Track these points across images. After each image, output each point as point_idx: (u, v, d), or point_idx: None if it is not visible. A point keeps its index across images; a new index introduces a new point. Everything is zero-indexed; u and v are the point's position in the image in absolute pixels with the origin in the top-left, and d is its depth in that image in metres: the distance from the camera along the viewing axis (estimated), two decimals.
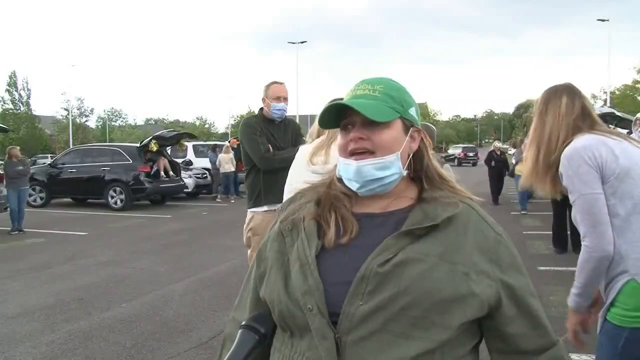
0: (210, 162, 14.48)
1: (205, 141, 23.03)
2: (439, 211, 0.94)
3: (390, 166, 0.95)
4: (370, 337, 0.87)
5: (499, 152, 12.51)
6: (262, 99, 3.29)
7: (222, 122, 75.31)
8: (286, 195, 2.46)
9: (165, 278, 5.59)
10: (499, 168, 12.14)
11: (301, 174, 2.33)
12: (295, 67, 45.30)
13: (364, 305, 0.88)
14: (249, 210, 3.20)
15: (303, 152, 2.33)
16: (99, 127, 56.53)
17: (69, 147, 27.22)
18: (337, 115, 0.98)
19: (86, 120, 51.13)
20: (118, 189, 12.00)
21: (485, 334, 0.98)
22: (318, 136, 2.35)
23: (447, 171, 1.07)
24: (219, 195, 13.88)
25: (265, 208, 3.06)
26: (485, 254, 0.94)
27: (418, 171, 1.01)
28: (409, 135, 0.99)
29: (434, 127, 3.52)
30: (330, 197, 1.02)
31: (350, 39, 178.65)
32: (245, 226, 3.20)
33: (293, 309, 0.92)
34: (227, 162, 13.63)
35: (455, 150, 40.56)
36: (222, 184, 13.99)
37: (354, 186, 0.98)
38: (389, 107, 0.96)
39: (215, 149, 14.84)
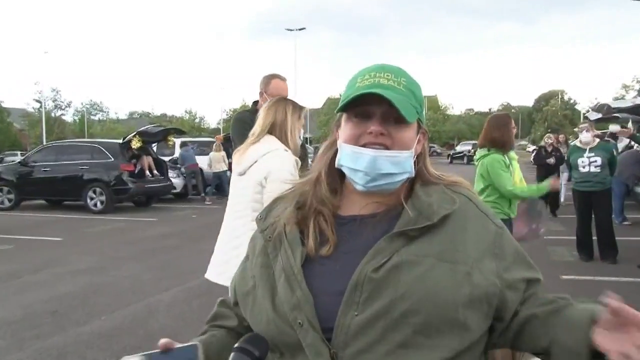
0: (181, 159, 14.47)
1: (195, 137, 23.01)
2: (434, 208, 0.95)
3: (404, 163, 0.97)
4: (369, 350, 0.87)
5: (550, 149, 10.57)
6: (260, 92, 3.26)
7: (213, 117, 75.43)
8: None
9: (150, 287, 5.59)
10: (552, 172, 10.11)
11: None
12: (294, 56, 45.28)
13: (359, 316, 0.88)
14: None
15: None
16: (77, 121, 56.56)
17: (42, 143, 27.16)
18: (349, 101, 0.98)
19: (62, 114, 51.17)
20: (98, 189, 11.97)
21: (503, 334, 0.97)
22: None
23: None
24: (207, 198, 13.86)
25: None
26: (489, 249, 0.95)
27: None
28: (417, 137, 1.02)
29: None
30: (314, 198, 1.02)
31: (351, 28, 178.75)
32: None
33: (282, 325, 0.92)
34: (218, 161, 13.61)
35: (464, 147, 40.28)
36: (213, 184, 14.00)
37: (360, 178, 0.97)
38: (412, 106, 0.97)
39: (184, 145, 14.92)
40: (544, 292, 0.99)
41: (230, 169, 13.70)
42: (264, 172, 2.37)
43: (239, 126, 3.19)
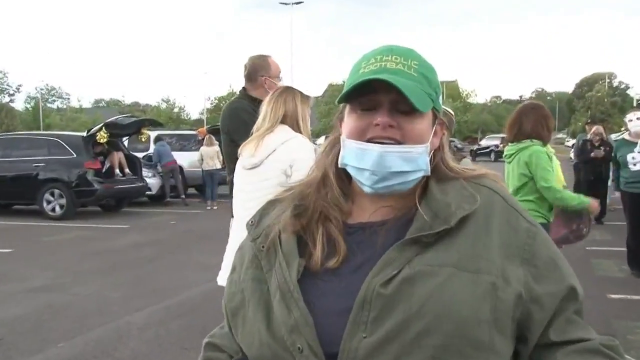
0: (156, 155, 14.41)
1: (174, 129, 23.08)
2: (452, 209, 0.96)
3: (417, 159, 0.98)
4: None
5: (598, 144, 10.16)
6: (262, 77, 3.42)
7: (195, 106, 75.65)
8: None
9: (119, 307, 5.58)
10: (598, 171, 9.99)
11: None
12: (289, 35, 45.41)
13: (368, 338, 0.88)
14: None
15: None
16: (30, 109, 56.68)
17: None
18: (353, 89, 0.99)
19: (10, 100, 51.23)
20: (57, 191, 11.97)
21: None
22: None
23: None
24: (208, 202, 13.70)
25: None
26: (517, 253, 0.95)
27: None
28: (434, 128, 1.04)
29: (452, 113, 3.58)
30: (322, 202, 1.03)
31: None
32: None
33: (277, 349, 0.93)
34: (211, 157, 13.55)
35: (490, 141, 40.05)
36: (206, 184, 13.85)
37: (367, 179, 0.99)
38: (426, 93, 0.99)
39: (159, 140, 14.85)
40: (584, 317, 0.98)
41: (224, 166, 13.65)
42: (288, 161, 2.70)
43: (244, 116, 3.29)
